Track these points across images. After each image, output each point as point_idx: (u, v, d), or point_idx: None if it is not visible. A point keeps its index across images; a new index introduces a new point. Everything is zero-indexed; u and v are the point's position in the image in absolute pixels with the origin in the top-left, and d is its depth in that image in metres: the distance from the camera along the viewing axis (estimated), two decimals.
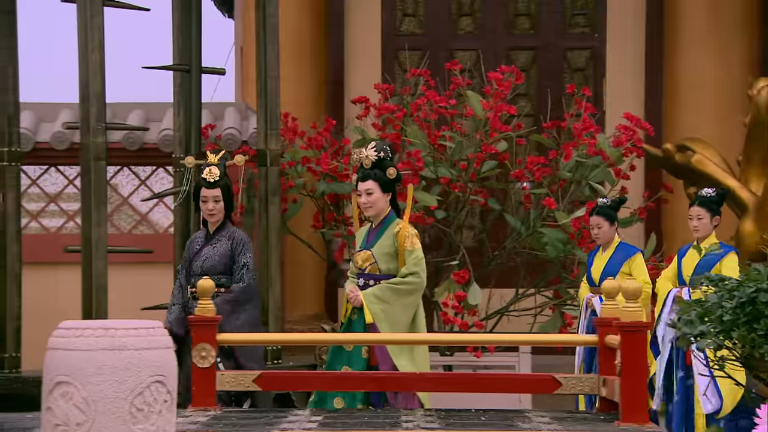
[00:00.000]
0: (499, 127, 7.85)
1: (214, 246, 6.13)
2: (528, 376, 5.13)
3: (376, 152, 5.96)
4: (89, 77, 6.80)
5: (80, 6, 6.81)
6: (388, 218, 5.96)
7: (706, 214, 6.66)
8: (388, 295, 5.76)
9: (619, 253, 6.89)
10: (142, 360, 2.75)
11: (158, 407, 2.78)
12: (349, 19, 9.81)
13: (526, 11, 9.88)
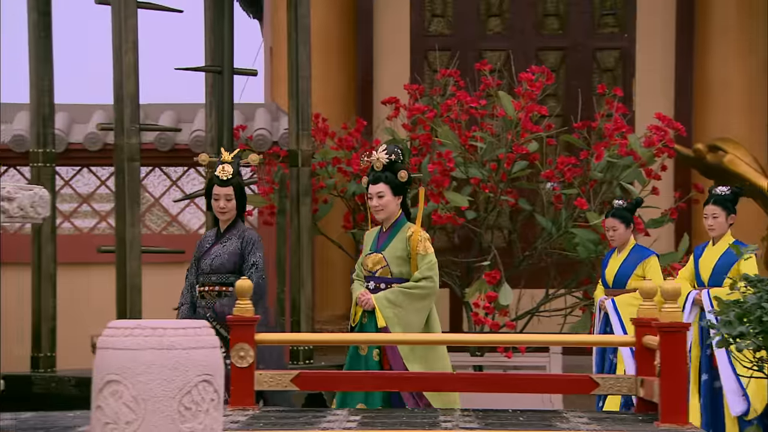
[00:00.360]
0: (531, 128, 7.86)
1: (224, 244, 6.05)
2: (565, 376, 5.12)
3: (387, 155, 5.92)
4: (123, 78, 6.85)
5: (115, 8, 6.86)
6: (399, 222, 5.93)
7: (722, 213, 6.60)
8: (400, 300, 5.72)
9: (633, 255, 6.84)
10: (189, 359, 2.78)
11: (206, 406, 2.80)
12: (377, 20, 9.83)
13: (554, 11, 9.87)
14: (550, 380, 4.82)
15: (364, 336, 5.12)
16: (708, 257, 6.63)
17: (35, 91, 7.14)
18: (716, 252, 6.64)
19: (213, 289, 6.00)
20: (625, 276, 6.80)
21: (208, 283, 6.01)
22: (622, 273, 6.81)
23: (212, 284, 6.00)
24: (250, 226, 7.01)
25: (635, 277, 6.77)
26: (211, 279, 6.00)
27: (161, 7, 7.28)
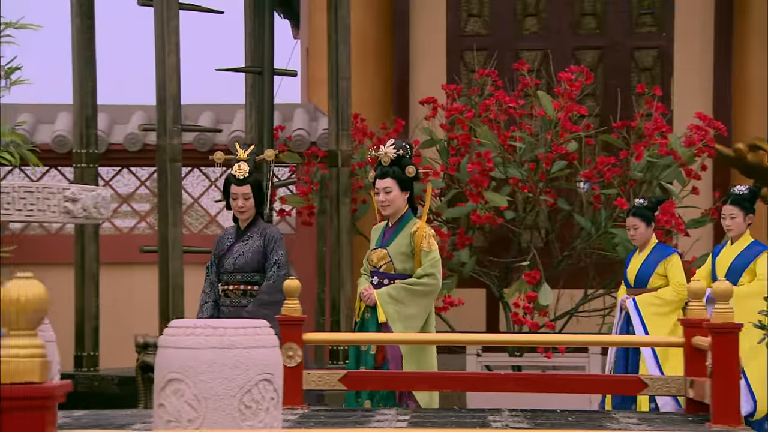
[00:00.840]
0: (570, 128, 7.84)
1: (245, 243, 5.99)
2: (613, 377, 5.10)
3: (395, 149, 5.84)
4: (166, 80, 6.90)
5: (157, 9, 6.91)
6: (405, 217, 5.86)
7: (739, 213, 6.54)
8: (402, 296, 5.65)
9: (655, 254, 6.79)
10: (250, 358, 2.80)
11: (266, 405, 2.83)
12: (414, 20, 9.84)
13: (592, 11, 9.84)
14: (598, 381, 4.80)
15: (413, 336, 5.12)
16: (725, 257, 6.58)
17: (79, 93, 7.20)
18: (733, 252, 6.59)
19: (238, 287, 5.96)
20: (646, 275, 6.75)
21: (232, 281, 5.98)
22: (644, 272, 6.77)
23: (237, 283, 5.97)
24: (271, 223, 6.91)
25: (657, 275, 6.73)
26: (236, 278, 5.97)
27: (203, 9, 7.33)
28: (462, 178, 7.90)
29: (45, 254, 7.78)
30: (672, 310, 6.67)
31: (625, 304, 6.72)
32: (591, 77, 8.15)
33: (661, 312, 6.64)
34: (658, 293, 6.70)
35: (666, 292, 6.69)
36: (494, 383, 4.27)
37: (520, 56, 9.50)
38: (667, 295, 6.68)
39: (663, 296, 6.67)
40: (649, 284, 6.75)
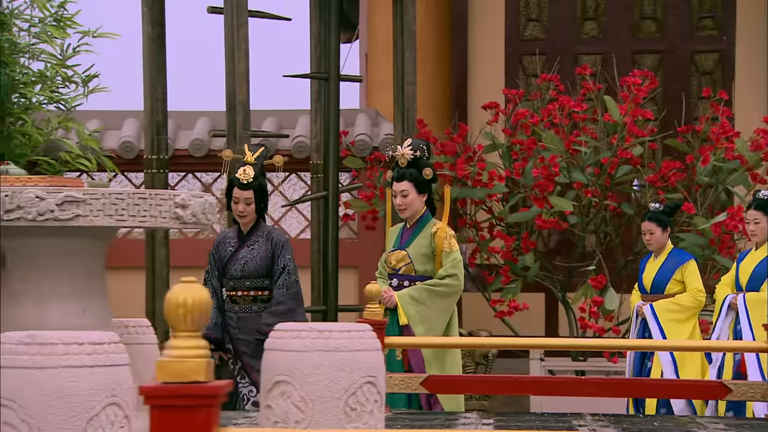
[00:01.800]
0: (636, 132, 7.83)
1: (251, 248, 5.80)
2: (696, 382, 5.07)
3: (412, 151, 5.74)
4: (235, 86, 6.98)
5: (227, 17, 7.00)
6: (423, 218, 5.76)
7: (763, 218, 6.40)
8: (424, 297, 5.55)
9: (671, 260, 6.68)
10: (354, 361, 2.85)
11: (369, 407, 2.87)
12: (472, 25, 9.87)
13: (652, 14, 9.82)
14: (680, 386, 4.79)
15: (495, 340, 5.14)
16: (748, 262, 6.45)
17: (149, 100, 7.30)
18: (757, 257, 6.45)
19: (247, 294, 5.79)
20: (663, 281, 6.64)
21: (241, 288, 5.80)
22: (661, 278, 6.66)
23: (246, 289, 5.80)
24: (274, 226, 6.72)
25: (674, 281, 6.62)
26: (245, 284, 5.79)
27: (271, 15, 7.41)
28: (527, 183, 7.92)
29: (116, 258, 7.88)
30: (690, 317, 6.57)
31: (642, 311, 6.59)
32: (656, 81, 8.13)
33: (679, 318, 6.54)
34: (676, 299, 6.58)
35: (683, 298, 6.57)
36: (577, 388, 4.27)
37: (579, 60, 9.50)
38: (685, 301, 6.56)
39: (681, 302, 6.56)
40: (666, 290, 6.63)
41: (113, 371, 2.39)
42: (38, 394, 2.35)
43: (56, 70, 5.97)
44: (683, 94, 9.09)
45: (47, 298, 2.96)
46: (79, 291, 2.98)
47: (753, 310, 6.27)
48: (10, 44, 5.77)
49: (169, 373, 1.69)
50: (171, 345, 1.73)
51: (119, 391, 2.42)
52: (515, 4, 9.86)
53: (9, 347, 2.39)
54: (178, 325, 1.74)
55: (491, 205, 8.30)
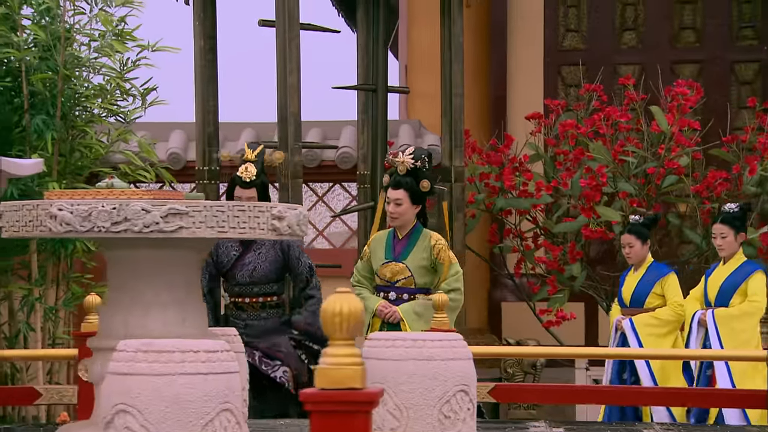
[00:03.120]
0: (684, 142, 7.87)
1: (258, 252, 5.49)
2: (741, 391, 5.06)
3: (413, 160, 5.53)
4: (287, 98, 7.06)
5: (279, 30, 7.08)
6: (416, 229, 5.57)
7: (730, 232, 6.34)
8: (429, 313, 5.30)
9: (651, 273, 6.59)
10: (448, 370, 2.90)
11: (462, 415, 2.93)
12: (511, 35, 9.93)
13: (691, 24, 9.85)
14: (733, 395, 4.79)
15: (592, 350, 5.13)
16: (716, 277, 6.39)
17: (201, 112, 7.38)
18: (725, 272, 6.40)
19: (255, 300, 5.49)
20: (643, 294, 6.56)
21: (248, 294, 5.49)
22: (640, 291, 6.57)
23: (254, 295, 5.49)
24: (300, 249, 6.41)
25: (654, 295, 6.53)
26: (253, 290, 5.49)
27: (322, 28, 7.49)
28: (573, 193, 7.96)
29: None
30: (670, 331, 6.49)
31: (621, 325, 6.49)
32: (701, 91, 8.17)
33: (659, 333, 6.45)
34: (656, 313, 6.50)
35: (664, 312, 6.49)
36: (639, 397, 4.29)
37: (618, 71, 9.55)
38: (665, 315, 6.48)
39: (661, 316, 6.47)
40: (646, 304, 6.55)
41: (226, 378, 2.46)
42: (156, 400, 2.42)
43: (116, 83, 6.07)
44: (728, 105, 9.11)
45: (149, 307, 3.04)
46: (178, 300, 3.05)
47: (722, 325, 6.21)
48: (73, 58, 5.87)
49: (328, 380, 1.76)
50: (328, 353, 1.80)
51: (231, 398, 2.48)
52: (554, 15, 9.91)
53: (127, 354, 2.46)
54: (335, 333, 1.80)
55: (535, 215, 8.35)
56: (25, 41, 5.80)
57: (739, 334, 6.16)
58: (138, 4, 6.10)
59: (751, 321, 6.31)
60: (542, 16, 9.90)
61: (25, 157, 5.47)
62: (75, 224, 2.82)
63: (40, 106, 5.77)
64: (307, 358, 5.22)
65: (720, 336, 6.20)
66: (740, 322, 6.22)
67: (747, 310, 6.29)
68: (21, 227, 2.90)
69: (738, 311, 6.29)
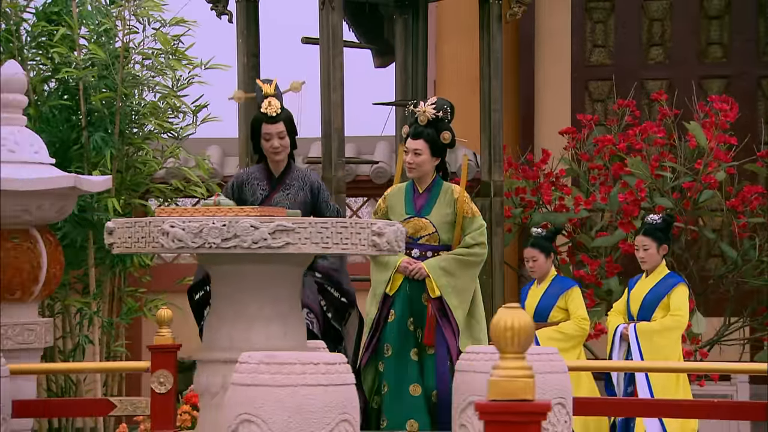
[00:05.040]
0: (722, 157, 7.95)
1: (286, 192, 5.19)
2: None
3: (435, 110, 5.36)
4: (331, 114, 7.15)
5: (323, 47, 7.18)
6: (436, 183, 5.42)
7: (652, 244, 6.27)
8: (454, 267, 5.25)
9: (554, 287, 6.52)
10: (545, 383, 2.97)
11: (560, 428, 3.00)
12: (539, 50, 10.02)
13: (718, 40, 9.93)
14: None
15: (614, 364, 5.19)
16: (639, 290, 6.32)
17: (244, 129, 7.46)
18: (647, 285, 6.34)
19: None
20: (546, 308, 6.49)
21: None
22: (544, 305, 6.50)
23: None
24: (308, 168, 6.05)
25: (557, 309, 6.47)
26: None
27: (364, 46, 7.60)
28: (611, 208, 8.03)
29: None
30: (574, 345, 6.43)
31: None
32: (736, 107, 8.25)
33: (563, 347, 6.20)
34: (560, 327, 6.44)
35: (568, 326, 6.42)
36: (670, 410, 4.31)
37: (645, 86, 9.63)
38: (569, 329, 6.42)
39: (565, 331, 6.41)
40: (549, 318, 6.49)
41: (344, 390, 2.54)
42: (280, 411, 2.49)
43: (169, 101, 6.16)
44: (762, 120, 9.19)
45: (253, 320, 3.11)
46: (281, 314, 3.13)
47: (644, 340, 6.15)
48: (131, 77, 5.97)
49: (500, 391, 1.83)
50: (499, 366, 1.88)
51: (349, 409, 2.56)
52: (581, 31, 10.00)
53: (250, 366, 2.54)
54: (506, 347, 1.88)
55: (570, 229, 8.42)
56: (83, 60, 5.90)
57: (661, 349, 6.08)
58: (192, 23, 6.19)
59: (673, 335, 6.24)
60: (569, 31, 9.99)
61: (83, 173, 5.55)
62: (187, 240, 2.90)
63: (98, 124, 5.86)
64: (327, 305, 4.94)
65: (641, 350, 6.12)
66: (661, 337, 6.14)
67: (669, 324, 6.24)
68: (133, 243, 2.98)
69: (659, 326, 6.23)
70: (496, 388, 1.84)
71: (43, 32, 5.96)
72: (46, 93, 5.98)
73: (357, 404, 2.56)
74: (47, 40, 5.97)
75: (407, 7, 8.11)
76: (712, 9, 9.82)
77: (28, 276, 4.58)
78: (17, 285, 4.59)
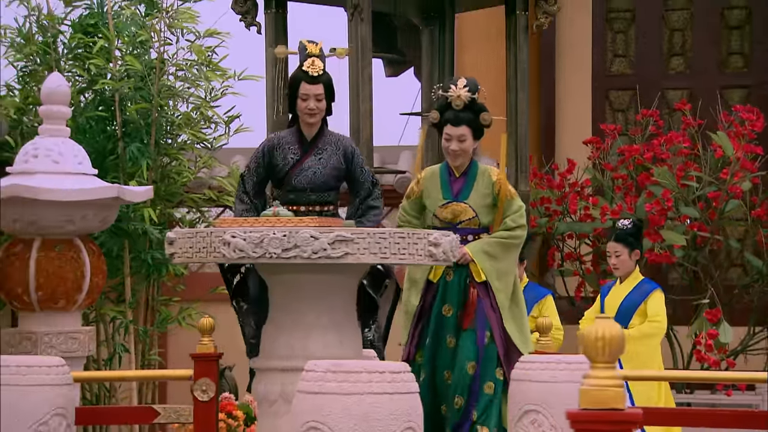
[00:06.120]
0: (749, 167, 7.98)
1: (319, 156, 4.98)
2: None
3: (470, 92, 5.23)
4: (360, 125, 7.21)
5: (352, 58, 7.24)
6: (472, 165, 5.33)
7: (624, 250, 6.19)
8: (497, 251, 5.18)
9: (528, 294, 6.39)
10: None
11: None
12: (560, 60, 10.05)
13: (739, 50, 9.95)
14: None
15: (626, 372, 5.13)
16: (613, 297, 6.26)
17: None
18: (622, 292, 6.29)
19: (312, 208, 4.93)
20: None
21: (304, 201, 4.94)
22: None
23: (311, 203, 4.95)
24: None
25: (531, 318, 6.33)
26: (310, 197, 4.95)
27: (391, 58, 7.65)
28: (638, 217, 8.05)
29: None
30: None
31: None
32: (762, 117, 8.27)
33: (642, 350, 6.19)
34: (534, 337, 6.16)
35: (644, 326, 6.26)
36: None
37: (666, 96, 9.66)
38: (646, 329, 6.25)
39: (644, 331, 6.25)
40: None
41: (408, 398, 2.57)
42: (346, 418, 2.53)
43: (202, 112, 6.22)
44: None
45: (310, 329, 3.15)
46: (337, 323, 3.17)
47: None
48: (166, 88, 6.03)
49: (591, 400, 1.87)
50: (591, 375, 1.92)
51: (414, 417, 2.60)
52: (602, 41, 10.03)
53: (317, 374, 2.57)
54: (597, 357, 1.92)
55: (595, 238, 8.45)
56: (119, 71, 5.97)
57: (638, 356, 5.99)
58: (225, 34, 6.25)
59: (652, 342, 6.17)
60: (590, 41, 10.02)
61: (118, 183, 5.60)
62: (248, 250, 2.94)
63: (134, 134, 5.92)
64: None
65: (620, 359, 6.03)
66: (640, 344, 6.07)
67: (647, 331, 6.17)
68: (194, 253, 3.02)
69: (638, 332, 6.16)
70: (587, 397, 1.88)
71: (79, 44, 6.02)
72: (83, 104, 6.04)
73: (421, 412, 2.60)
74: (84, 51, 6.03)
75: (433, 19, 8.17)
76: (733, 19, 9.84)
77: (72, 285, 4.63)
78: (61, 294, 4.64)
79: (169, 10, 6.12)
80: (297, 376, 2.73)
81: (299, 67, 4.97)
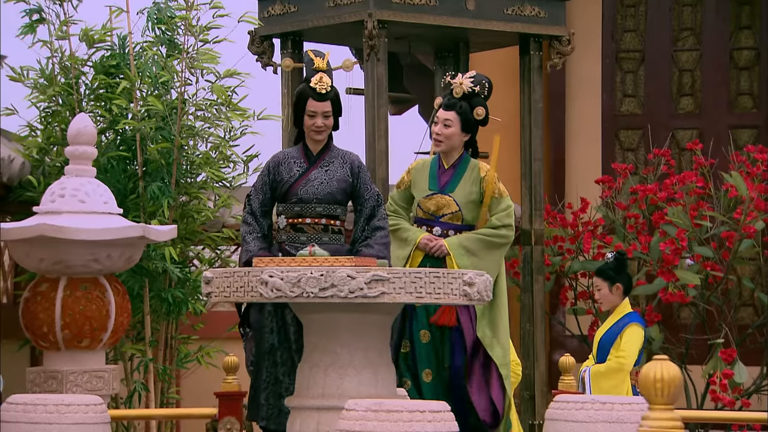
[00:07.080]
0: (761, 207, 8.01)
1: (325, 169, 4.91)
2: None
3: (472, 84, 5.16)
4: (376, 163, 7.25)
5: (368, 97, 7.29)
6: (463, 159, 5.20)
7: (603, 284, 6.15)
8: (478, 248, 5.03)
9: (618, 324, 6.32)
10: None
11: None
12: (570, 100, 10.12)
13: (748, 90, 10.02)
14: None
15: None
16: (599, 331, 6.25)
17: None
18: (606, 326, 6.27)
19: (317, 221, 4.86)
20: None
21: (310, 214, 4.86)
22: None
23: (317, 216, 4.87)
24: None
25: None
26: (315, 210, 4.86)
27: (405, 97, 7.71)
28: (653, 257, 8.08)
29: None
30: None
31: None
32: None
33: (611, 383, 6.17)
34: None
35: None
36: None
37: (676, 135, 9.71)
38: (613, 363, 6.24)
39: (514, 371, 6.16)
40: None
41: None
42: None
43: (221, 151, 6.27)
44: None
45: (345, 368, 3.17)
46: (372, 362, 3.19)
47: (594, 383, 6.07)
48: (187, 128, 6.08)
49: None
50: (649, 416, 1.94)
51: None
52: (611, 80, 10.10)
53: (358, 414, 2.59)
54: (655, 398, 1.94)
55: None
56: (140, 112, 6.03)
57: (607, 391, 5.92)
58: (245, 75, 6.32)
59: (618, 376, 6.12)
60: (600, 81, 10.10)
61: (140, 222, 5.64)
62: (285, 290, 2.96)
63: (155, 174, 5.97)
64: None
65: (592, 394, 5.95)
66: (607, 379, 6.06)
67: (612, 366, 6.14)
68: (232, 292, 3.05)
69: (605, 368, 6.15)
70: None
71: (101, 85, 6.08)
72: (104, 144, 6.09)
73: None
74: (105, 92, 6.09)
75: (447, 59, 8.24)
76: (742, 60, 9.93)
77: (98, 324, 4.66)
78: (87, 333, 4.67)
79: (190, 51, 6.19)
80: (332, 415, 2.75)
81: (305, 80, 4.91)
